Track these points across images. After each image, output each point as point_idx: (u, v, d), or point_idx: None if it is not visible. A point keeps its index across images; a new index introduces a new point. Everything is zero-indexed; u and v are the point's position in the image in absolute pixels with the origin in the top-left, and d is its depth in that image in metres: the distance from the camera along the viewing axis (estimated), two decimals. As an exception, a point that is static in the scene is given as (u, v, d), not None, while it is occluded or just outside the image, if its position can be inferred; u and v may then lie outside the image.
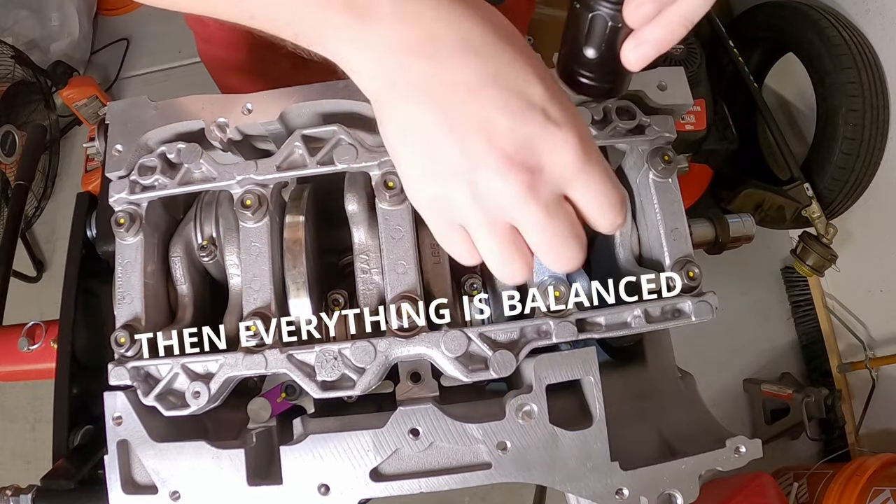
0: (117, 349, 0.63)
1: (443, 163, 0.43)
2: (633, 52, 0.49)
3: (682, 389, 0.76)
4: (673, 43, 0.48)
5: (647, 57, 0.49)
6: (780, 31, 2.09)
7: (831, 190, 1.94)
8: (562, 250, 0.45)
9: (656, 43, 0.48)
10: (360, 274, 0.68)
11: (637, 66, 0.50)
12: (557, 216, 0.43)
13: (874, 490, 1.72)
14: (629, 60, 0.49)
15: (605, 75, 0.54)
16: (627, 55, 0.49)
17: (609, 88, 0.56)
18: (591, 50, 0.52)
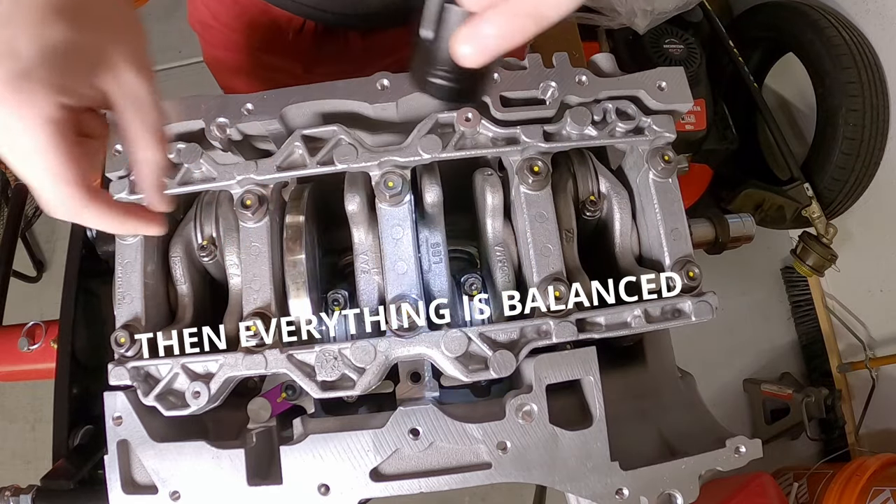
0: (117, 349, 0.63)
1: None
2: (465, 42, 0.40)
3: (682, 389, 0.76)
4: (518, 41, 0.40)
5: (484, 52, 0.40)
6: (780, 31, 2.09)
7: (831, 190, 1.95)
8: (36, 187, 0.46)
9: (497, 38, 0.39)
10: (360, 274, 0.68)
11: (470, 61, 0.41)
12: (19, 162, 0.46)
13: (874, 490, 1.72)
14: (461, 53, 0.41)
15: (450, 72, 0.46)
16: (459, 46, 0.40)
17: (457, 90, 0.48)
18: (426, 31, 0.44)
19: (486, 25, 0.39)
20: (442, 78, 0.47)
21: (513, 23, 0.39)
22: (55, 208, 0.47)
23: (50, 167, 0.45)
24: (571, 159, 0.74)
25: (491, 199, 0.68)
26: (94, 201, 0.48)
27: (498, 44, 0.40)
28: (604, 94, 0.69)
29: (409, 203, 0.65)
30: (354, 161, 0.65)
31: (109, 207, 0.50)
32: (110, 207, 0.50)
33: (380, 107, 0.68)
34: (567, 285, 0.63)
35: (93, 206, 0.48)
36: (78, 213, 0.48)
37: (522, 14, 0.38)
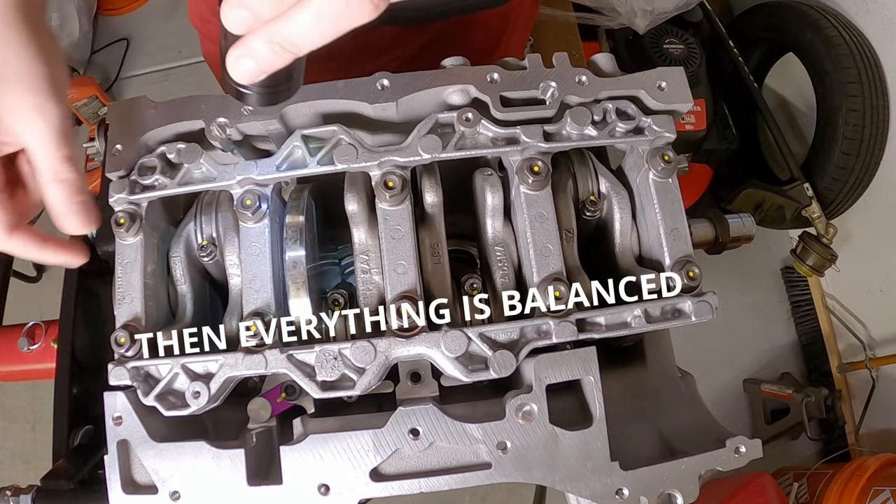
0: (117, 349, 0.63)
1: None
2: (234, 61, 0.43)
3: (682, 389, 0.76)
4: (276, 66, 0.43)
5: (249, 72, 0.44)
6: (780, 31, 2.09)
7: (831, 190, 1.95)
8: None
9: (258, 59, 0.43)
10: (360, 274, 0.68)
11: (240, 77, 0.44)
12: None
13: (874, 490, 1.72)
14: (231, 70, 0.44)
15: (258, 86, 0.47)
16: (229, 64, 0.44)
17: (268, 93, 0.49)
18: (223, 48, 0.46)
19: (250, 49, 0.42)
20: (248, 89, 0.48)
21: (270, 49, 0.42)
22: None
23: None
24: (571, 159, 0.74)
25: (491, 199, 0.68)
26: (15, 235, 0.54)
27: (261, 67, 0.43)
28: (604, 94, 0.69)
29: (409, 203, 0.65)
30: (354, 161, 0.65)
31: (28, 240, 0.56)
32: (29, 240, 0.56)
33: (380, 107, 0.68)
34: (567, 285, 0.63)
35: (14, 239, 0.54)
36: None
37: (275, 42, 0.41)
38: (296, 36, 0.41)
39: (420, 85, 0.68)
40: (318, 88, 0.69)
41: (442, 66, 0.71)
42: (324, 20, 0.39)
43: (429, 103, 0.69)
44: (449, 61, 0.71)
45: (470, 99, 0.69)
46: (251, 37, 0.42)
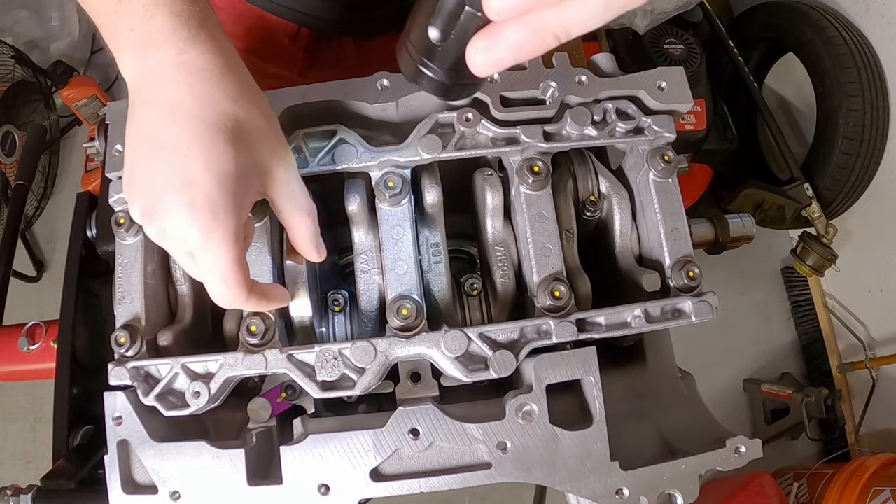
0: (117, 349, 0.63)
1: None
2: (481, 52, 0.39)
3: (682, 389, 0.76)
4: (535, 55, 0.38)
5: (498, 63, 0.39)
6: (780, 31, 2.09)
7: (831, 190, 1.95)
8: (209, 287, 0.54)
9: (514, 49, 0.38)
10: (360, 274, 0.68)
11: (482, 71, 0.40)
12: (192, 264, 0.53)
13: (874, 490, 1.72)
14: (474, 62, 0.39)
15: (448, 70, 0.43)
16: (473, 55, 0.39)
17: (447, 86, 0.45)
18: (435, 32, 0.41)
19: (506, 37, 0.38)
20: (438, 74, 0.44)
21: (534, 37, 0.37)
22: (221, 301, 0.55)
23: (225, 277, 0.52)
24: (571, 159, 0.74)
25: (491, 199, 0.68)
26: (251, 296, 0.55)
27: (514, 56, 0.39)
28: (604, 94, 0.69)
29: (409, 203, 0.65)
30: (354, 161, 0.65)
31: (260, 296, 0.57)
32: (261, 296, 0.58)
33: (380, 107, 0.68)
34: (567, 285, 0.63)
35: (251, 299, 0.55)
36: (238, 305, 0.55)
37: (546, 29, 0.37)
38: (575, 21, 0.36)
39: (420, 85, 0.68)
40: (318, 88, 0.69)
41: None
42: (613, 5, 0.35)
43: (429, 103, 0.69)
44: None
45: (470, 99, 0.69)
46: (508, 24, 0.37)
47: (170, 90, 0.51)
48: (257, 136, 0.53)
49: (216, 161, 0.49)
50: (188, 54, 0.51)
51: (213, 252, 0.51)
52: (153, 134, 0.51)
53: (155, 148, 0.50)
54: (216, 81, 0.51)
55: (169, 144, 0.50)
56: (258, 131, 0.53)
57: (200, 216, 0.49)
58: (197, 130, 0.50)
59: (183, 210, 0.49)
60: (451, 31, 0.40)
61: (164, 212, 0.50)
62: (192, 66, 0.51)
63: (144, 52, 0.51)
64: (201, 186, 0.49)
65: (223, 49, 0.53)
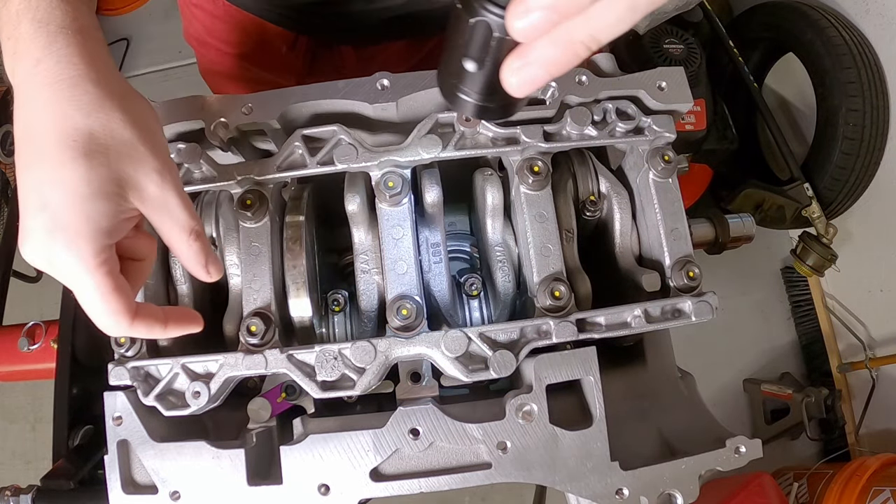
0: (117, 349, 0.63)
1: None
2: (515, 73, 0.39)
3: (682, 389, 0.76)
4: (570, 66, 0.38)
5: (533, 82, 0.39)
6: (780, 31, 2.09)
7: (831, 190, 1.94)
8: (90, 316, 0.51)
9: (547, 65, 0.38)
10: (360, 274, 0.68)
11: (519, 91, 0.40)
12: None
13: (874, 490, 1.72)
14: (510, 84, 0.39)
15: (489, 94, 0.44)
16: (508, 77, 0.39)
17: (493, 108, 0.46)
18: (470, 63, 0.42)
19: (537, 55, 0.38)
20: (477, 99, 0.45)
21: (567, 51, 0.37)
22: (105, 329, 0.51)
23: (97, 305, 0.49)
24: (571, 159, 0.74)
25: (491, 199, 0.68)
26: (137, 321, 0.52)
27: (549, 72, 0.38)
28: (604, 94, 0.69)
29: (409, 203, 0.65)
30: (354, 161, 0.65)
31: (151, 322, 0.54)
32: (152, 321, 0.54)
33: (380, 107, 0.68)
34: (567, 285, 0.63)
35: (137, 325, 0.52)
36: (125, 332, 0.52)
37: (577, 41, 0.36)
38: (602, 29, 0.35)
39: (420, 85, 0.68)
40: (318, 88, 0.69)
41: (442, 66, 0.71)
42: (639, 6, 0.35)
43: (429, 103, 0.69)
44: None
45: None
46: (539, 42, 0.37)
47: (26, 107, 0.48)
48: (117, 150, 0.49)
49: (66, 182, 0.47)
50: (43, 64, 0.48)
51: (79, 279, 0.48)
52: (19, 153, 0.49)
53: (20, 168, 0.48)
54: (66, 94, 0.48)
55: (27, 164, 0.48)
56: (119, 144, 0.49)
57: (58, 241, 0.47)
58: (47, 149, 0.47)
59: (41, 236, 0.47)
60: (484, 58, 0.41)
61: (28, 236, 0.48)
62: (45, 78, 0.48)
63: (14, 64, 0.49)
64: (54, 210, 0.46)
65: (82, 54, 0.49)
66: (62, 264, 0.48)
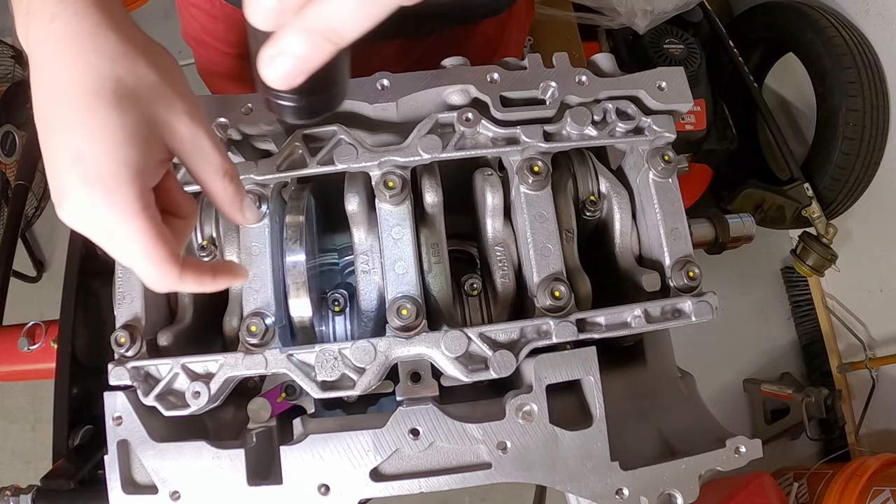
0: (117, 349, 0.63)
1: None
2: (269, 63, 0.39)
3: (682, 389, 0.76)
4: (317, 62, 0.38)
5: (287, 74, 0.39)
6: (780, 31, 2.09)
7: (831, 190, 1.95)
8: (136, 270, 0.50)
9: (295, 56, 0.38)
10: (360, 274, 0.68)
11: (278, 82, 0.40)
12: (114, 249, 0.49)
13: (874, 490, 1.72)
14: (266, 75, 0.39)
15: (291, 92, 0.44)
16: (263, 68, 0.39)
17: (305, 106, 0.45)
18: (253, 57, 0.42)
19: (284, 46, 0.38)
20: (286, 99, 0.45)
21: (309, 42, 0.37)
22: (152, 284, 0.50)
23: (144, 253, 0.48)
24: (571, 159, 0.74)
25: (491, 199, 0.68)
26: (185, 274, 0.51)
27: (301, 65, 0.38)
28: (604, 94, 0.69)
29: (409, 203, 0.65)
30: (354, 161, 0.65)
31: (200, 274, 0.53)
32: (200, 273, 0.53)
33: (380, 107, 0.68)
34: (567, 285, 0.63)
35: (185, 278, 0.51)
36: (173, 286, 0.51)
37: (315, 32, 0.37)
38: (337, 20, 0.36)
39: (420, 85, 0.68)
40: (318, 88, 0.69)
41: (442, 67, 0.71)
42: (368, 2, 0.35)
43: (429, 103, 0.69)
44: (449, 61, 0.71)
45: (470, 99, 0.69)
46: (284, 31, 0.37)
47: (46, 65, 0.48)
48: (147, 94, 0.49)
49: (99, 130, 0.46)
50: (59, 19, 0.47)
51: (121, 227, 0.47)
52: (43, 115, 0.48)
53: (47, 129, 0.48)
54: (88, 45, 0.47)
55: (55, 123, 0.47)
56: (147, 88, 0.49)
57: (97, 191, 0.46)
58: (75, 102, 0.46)
59: (79, 189, 0.46)
60: (256, 48, 0.41)
61: (65, 194, 0.47)
62: (63, 32, 0.47)
63: (28, 23, 0.48)
64: (90, 159, 0.46)
65: (97, 5, 0.49)
66: (104, 215, 0.47)
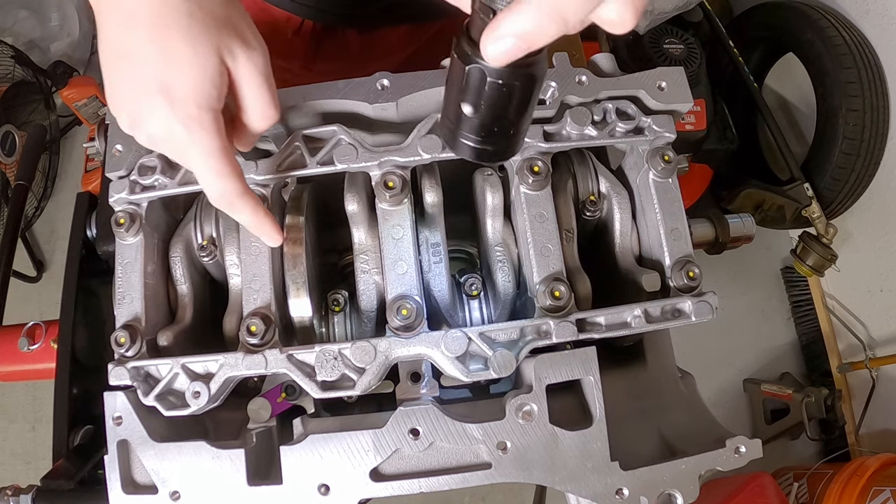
0: (117, 349, 0.63)
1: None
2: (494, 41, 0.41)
3: (682, 389, 0.76)
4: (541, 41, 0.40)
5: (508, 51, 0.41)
6: (780, 31, 2.09)
7: (831, 190, 1.95)
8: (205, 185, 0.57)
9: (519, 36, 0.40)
10: (360, 274, 0.68)
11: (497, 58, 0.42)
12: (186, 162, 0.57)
13: (874, 490, 1.72)
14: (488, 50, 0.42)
15: (487, 137, 0.47)
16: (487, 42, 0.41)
17: (492, 151, 0.49)
18: (468, 107, 0.45)
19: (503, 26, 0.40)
20: (476, 142, 0.48)
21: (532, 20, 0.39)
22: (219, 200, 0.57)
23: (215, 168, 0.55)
24: (571, 159, 0.74)
25: (491, 199, 0.68)
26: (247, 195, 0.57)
27: (522, 42, 0.40)
28: (604, 94, 0.69)
29: (409, 203, 0.65)
30: (354, 161, 0.65)
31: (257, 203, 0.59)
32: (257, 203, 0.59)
33: (380, 107, 0.68)
34: (567, 285, 0.63)
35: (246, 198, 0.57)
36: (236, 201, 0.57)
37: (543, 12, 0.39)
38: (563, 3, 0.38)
39: (420, 85, 0.68)
40: (318, 88, 0.69)
41: (442, 66, 0.71)
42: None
43: (429, 103, 0.69)
44: (448, 61, 0.71)
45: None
46: (514, 10, 0.39)
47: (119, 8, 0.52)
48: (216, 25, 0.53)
49: (177, 57, 0.52)
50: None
51: (198, 145, 0.53)
52: (120, 47, 0.53)
53: (125, 59, 0.53)
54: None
55: (135, 53, 0.52)
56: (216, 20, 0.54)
57: (179, 112, 0.52)
58: (155, 32, 0.51)
59: (162, 111, 0.52)
60: (480, 101, 0.45)
61: (146, 116, 0.53)
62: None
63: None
64: (172, 84, 0.52)
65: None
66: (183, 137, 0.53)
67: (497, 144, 0.48)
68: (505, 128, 0.46)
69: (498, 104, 0.45)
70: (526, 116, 0.47)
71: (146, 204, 0.67)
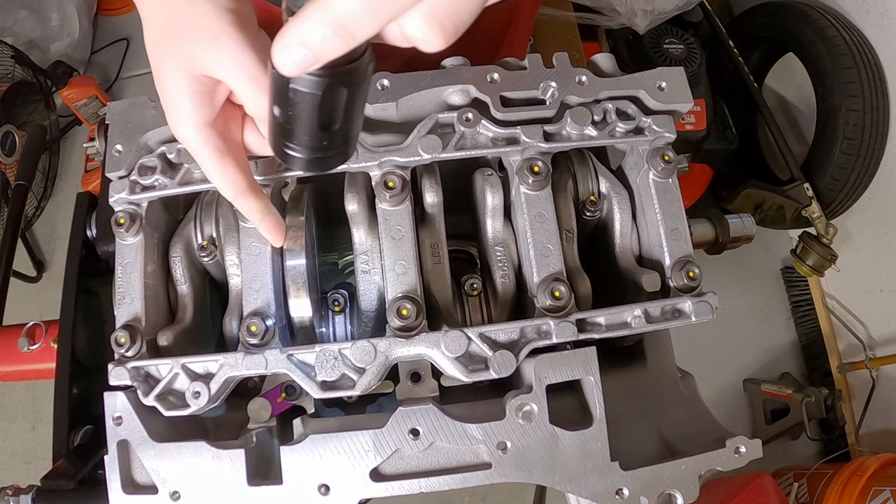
0: (117, 349, 0.63)
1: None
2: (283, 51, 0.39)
3: (682, 389, 0.76)
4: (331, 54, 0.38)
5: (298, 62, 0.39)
6: (780, 31, 2.09)
7: (831, 190, 1.95)
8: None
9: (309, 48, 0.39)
10: (360, 274, 0.68)
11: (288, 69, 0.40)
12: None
13: (874, 490, 1.72)
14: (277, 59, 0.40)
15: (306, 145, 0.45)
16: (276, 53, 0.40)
17: (318, 159, 0.46)
18: (277, 110, 0.43)
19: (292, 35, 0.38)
20: (298, 151, 0.45)
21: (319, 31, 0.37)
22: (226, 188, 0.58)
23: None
24: (571, 159, 0.74)
25: (491, 199, 0.68)
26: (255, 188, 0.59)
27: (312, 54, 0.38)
28: (604, 94, 0.69)
29: (409, 203, 0.65)
30: (354, 161, 0.65)
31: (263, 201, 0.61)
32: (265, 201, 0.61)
33: (380, 107, 0.68)
34: (567, 285, 0.63)
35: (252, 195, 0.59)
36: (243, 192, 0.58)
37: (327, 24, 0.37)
38: (347, 16, 0.36)
39: (420, 85, 0.68)
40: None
41: (442, 66, 0.71)
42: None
43: (429, 103, 0.69)
44: (449, 61, 0.71)
45: (470, 99, 0.69)
46: (298, 19, 0.38)
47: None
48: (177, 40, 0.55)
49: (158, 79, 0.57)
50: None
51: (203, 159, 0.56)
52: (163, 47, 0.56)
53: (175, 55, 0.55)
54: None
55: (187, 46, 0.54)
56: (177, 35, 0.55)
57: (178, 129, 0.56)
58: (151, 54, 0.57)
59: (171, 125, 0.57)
60: (287, 107, 0.42)
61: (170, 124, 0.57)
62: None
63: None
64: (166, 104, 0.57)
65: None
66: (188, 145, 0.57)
67: (323, 152, 0.45)
68: (315, 137, 0.43)
69: (304, 113, 0.41)
70: (339, 128, 0.43)
71: (146, 204, 0.67)
